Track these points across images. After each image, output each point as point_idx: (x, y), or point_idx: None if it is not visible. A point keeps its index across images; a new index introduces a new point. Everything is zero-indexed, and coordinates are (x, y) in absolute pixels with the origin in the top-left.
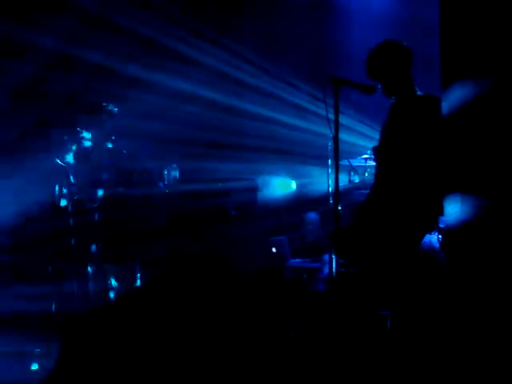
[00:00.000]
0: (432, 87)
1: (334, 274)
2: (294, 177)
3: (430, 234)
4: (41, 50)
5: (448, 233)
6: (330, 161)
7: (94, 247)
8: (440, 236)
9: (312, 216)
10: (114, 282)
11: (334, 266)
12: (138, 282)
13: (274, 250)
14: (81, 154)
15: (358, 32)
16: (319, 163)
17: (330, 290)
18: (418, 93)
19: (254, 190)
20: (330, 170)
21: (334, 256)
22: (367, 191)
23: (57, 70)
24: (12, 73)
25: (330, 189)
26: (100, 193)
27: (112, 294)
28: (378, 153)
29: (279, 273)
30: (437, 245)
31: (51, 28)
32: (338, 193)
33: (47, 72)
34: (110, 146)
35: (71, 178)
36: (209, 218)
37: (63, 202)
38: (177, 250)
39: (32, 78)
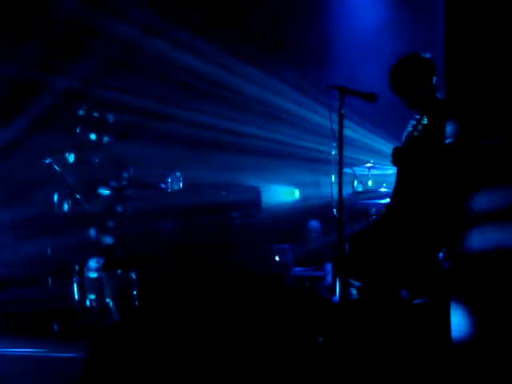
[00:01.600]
0: None
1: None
2: (298, 185)
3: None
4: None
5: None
6: (333, 169)
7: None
8: None
9: (314, 224)
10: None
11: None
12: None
13: (277, 258)
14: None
15: (359, 37)
16: (323, 171)
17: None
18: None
19: (258, 198)
20: (333, 178)
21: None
22: (370, 201)
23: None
24: None
25: (333, 197)
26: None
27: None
28: (400, 158)
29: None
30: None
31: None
32: (341, 201)
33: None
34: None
35: (68, 179)
36: (213, 226)
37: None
38: (185, 259)
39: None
